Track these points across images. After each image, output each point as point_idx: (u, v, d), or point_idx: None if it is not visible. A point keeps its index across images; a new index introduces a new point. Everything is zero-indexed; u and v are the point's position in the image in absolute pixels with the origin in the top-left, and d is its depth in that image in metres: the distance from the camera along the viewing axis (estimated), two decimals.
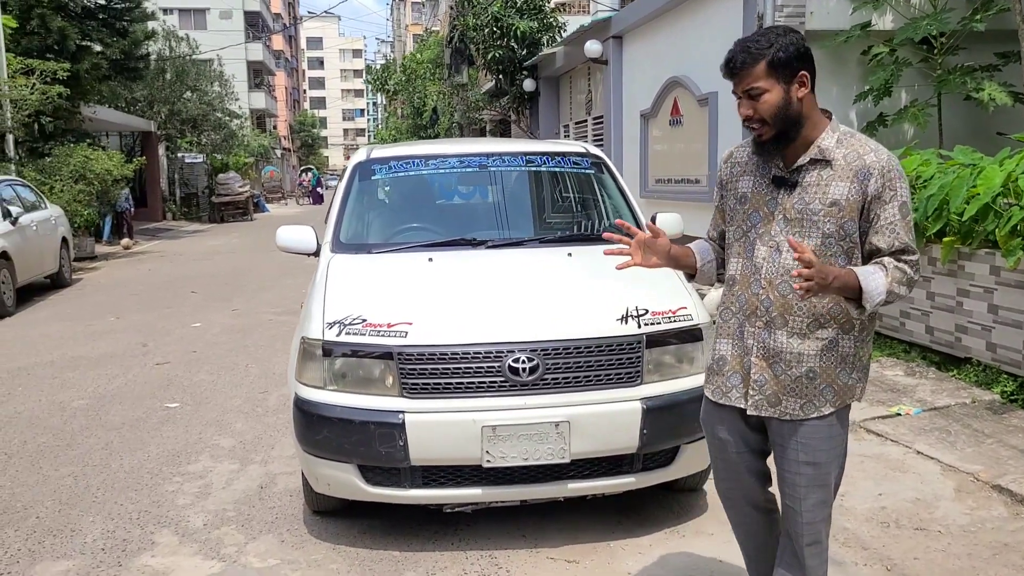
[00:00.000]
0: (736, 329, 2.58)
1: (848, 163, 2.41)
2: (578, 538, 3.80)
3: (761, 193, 2.53)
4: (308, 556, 3.72)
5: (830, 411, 2.49)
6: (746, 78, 2.39)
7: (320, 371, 3.62)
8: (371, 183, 4.93)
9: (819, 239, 2.41)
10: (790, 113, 2.40)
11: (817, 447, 2.50)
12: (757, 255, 2.52)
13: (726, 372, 2.60)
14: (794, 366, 2.47)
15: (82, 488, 4.61)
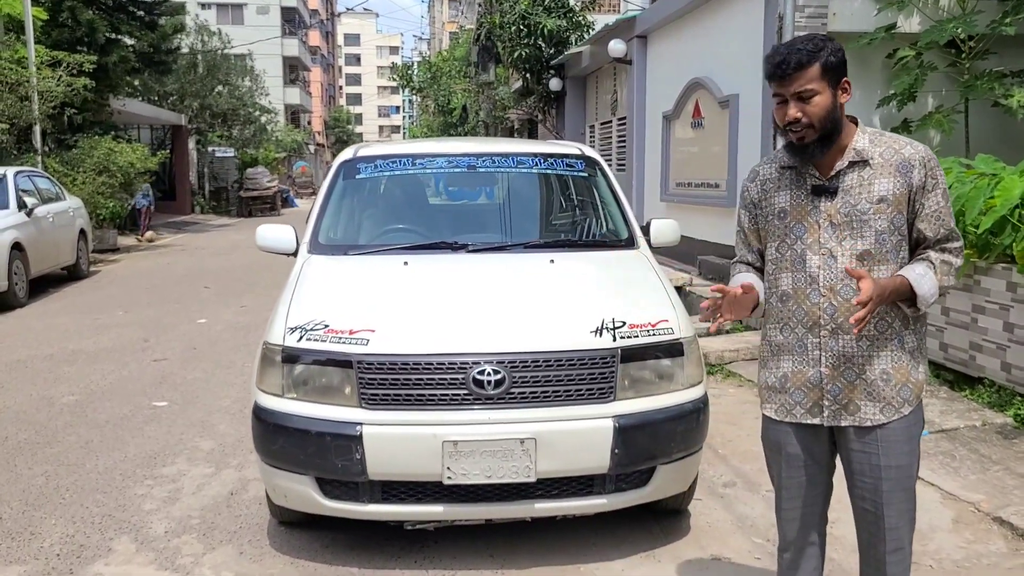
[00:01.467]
0: (796, 343, 2.53)
1: (886, 160, 2.44)
2: (548, 560, 3.62)
3: (801, 205, 2.51)
4: (265, 570, 3.58)
5: (909, 410, 2.49)
6: (799, 80, 2.37)
7: (279, 378, 3.47)
8: (356, 182, 4.77)
9: (872, 237, 2.43)
10: (835, 117, 2.41)
11: (900, 449, 2.49)
12: (810, 265, 2.49)
13: (789, 389, 2.56)
14: (867, 369, 2.47)
15: (51, 489, 4.51)
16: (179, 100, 29.51)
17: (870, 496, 2.52)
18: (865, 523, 2.58)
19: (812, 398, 2.51)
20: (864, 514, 2.56)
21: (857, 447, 2.51)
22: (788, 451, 2.60)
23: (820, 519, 2.67)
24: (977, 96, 7.64)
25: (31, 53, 15.82)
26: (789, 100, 2.38)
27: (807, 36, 2.44)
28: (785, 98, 2.39)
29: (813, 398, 2.51)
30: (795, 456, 2.59)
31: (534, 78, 19.26)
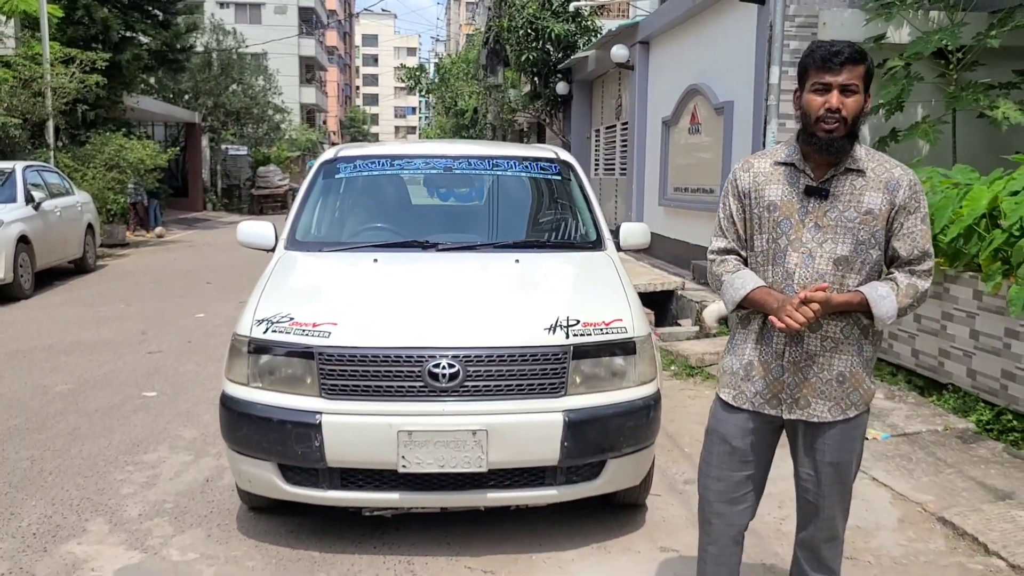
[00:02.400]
0: (766, 334, 2.65)
1: (878, 175, 2.57)
2: (502, 548, 3.75)
3: (791, 202, 2.60)
4: (229, 552, 3.73)
5: (855, 414, 2.63)
6: (850, 72, 2.46)
7: (245, 368, 3.62)
8: (335, 181, 4.93)
9: (852, 245, 2.55)
10: (860, 119, 2.54)
11: (843, 448, 2.65)
12: (789, 261, 2.59)
13: (752, 377, 2.68)
14: (826, 369, 2.59)
15: (35, 472, 4.68)
16: (193, 98, 29.83)
17: (812, 488, 2.70)
18: (805, 512, 2.76)
19: (772, 390, 2.64)
20: (805, 504, 2.74)
21: (805, 442, 2.68)
22: (732, 444, 2.72)
23: (747, 513, 2.78)
24: (962, 107, 7.73)
25: (46, 50, 16.09)
26: (834, 89, 2.46)
27: (848, 41, 2.54)
28: (829, 87, 2.46)
29: (773, 390, 2.64)
30: (737, 450, 2.71)
31: (541, 82, 19.40)
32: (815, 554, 2.77)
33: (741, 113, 9.63)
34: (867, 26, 8.17)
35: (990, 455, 4.69)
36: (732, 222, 2.73)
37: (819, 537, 2.74)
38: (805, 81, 2.54)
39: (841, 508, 2.72)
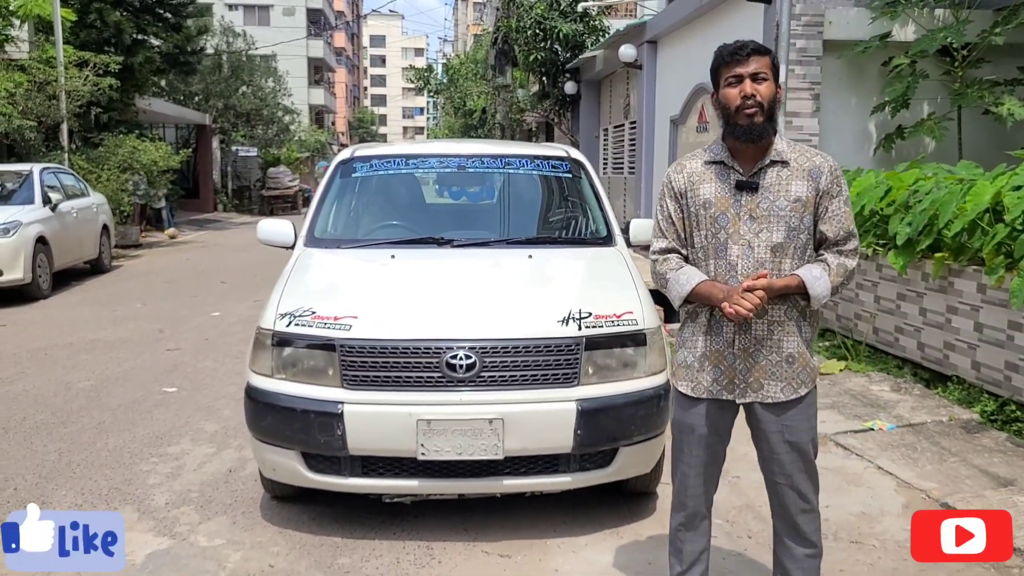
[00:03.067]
0: (715, 325, 2.79)
1: (800, 165, 2.74)
2: (517, 534, 3.87)
3: (724, 197, 2.75)
4: (254, 538, 3.87)
5: (806, 391, 2.79)
6: (758, 62, 2.66)
7: (269, 360, 3.75)
8: (351, 180, 5.06)
9: (785, 232, 2.71)
10: (775, 106, 2.72)
11: (799, 426, 2.80)
12: (731, 254, 2.74)
13: (706, 368, 2.81)
14: (775, 352, 2.75)
15: (64, 464, 4.83)
16: (204, 100, 30.04)
17: (779, 468, 2.84)
18: (776, 491, 2.89)
19: (727, 376, 2.78)
20: (775, 484, 2.88)
21: (765, 424, 2.82)
22: (699, 433, 2.87)
23: (715, 487, 3.00)
24: (967, 104, 7.84)
25: (59, 53, 16.27)
26: (746, 79, 2.64)
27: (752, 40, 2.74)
28: (742, 78, 2.64)
29: (728, 376, 2.78)
30: (703, 436, 2.87)
31: (550, 81, 19.53)
32: (794, 528, 2.89)
33: None
34: (872, 24, 8.28)
35: (993, 444, 4.80)
36: (671, 222, 2.86)
37: (794, 510, 2.87)
38: (719, 80, 2.71)
39: (809, 481, 2.85)
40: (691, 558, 3.02)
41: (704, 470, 2.92)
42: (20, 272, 10.25)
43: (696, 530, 3.01)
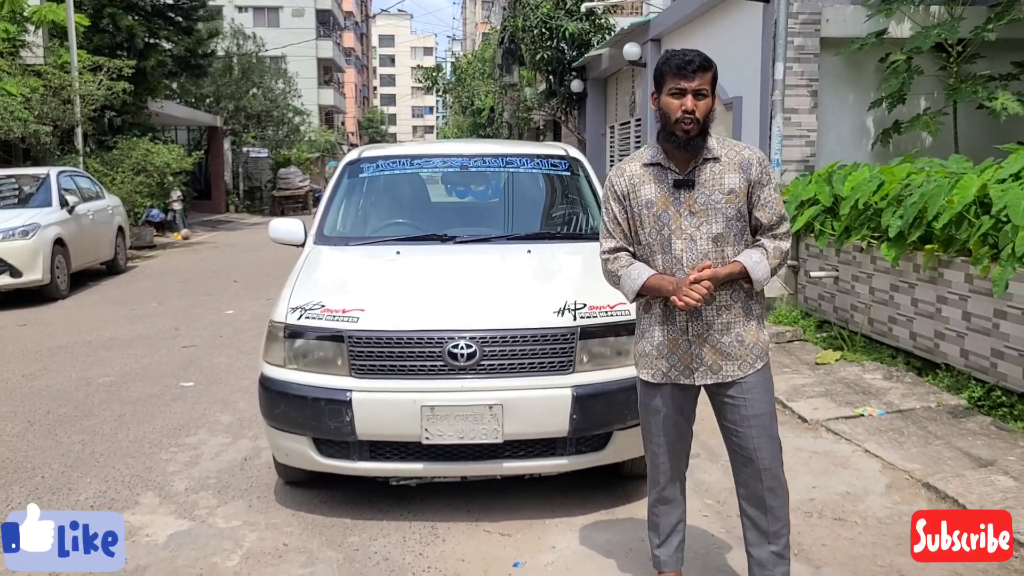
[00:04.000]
0: (667, 315, 2.99)
1: (731, 159, 2.95)
2: (518, 514, 4.08)
3: (664, 196, 2.96)
4: (268, 520, 4.09)
5: (761, 365, 3.00)
6: (701, 78, 2.84)
7: (281, 351, 3.97)
8: (359, 180, 5.28)
9: (723, 223, 2.92)
10: (710, 119, 2.92)
11: (760, 399, 2.99)
12: (675, 248, 2.94)
13: (664, 355, 3.00)
14: (726, 334, 2.95)
15: (87, 454, 5.07)
16: (215, 102, 30.35)
17: (743, 443, 3.01)
18: (741, 466, 3.06)
19: (684, 361, 2.99)
20: (740, 459, 3.05)
21: (726, 401, 3.01)
22: (664, 413, 3.08)
23: (685, 463, 3.20)
24: (962, 99, 7.99)
25: (74, 58, 16.58)
26: (688, 94, 2.82)
27: (697, 50, 2.90)
28: (684, 92, 2.82)
29: (685, 361, 2.98)
30: (668, 417, 3.08)
31: (556, 80, 19.70)
32: (761, 507, 3.02)
33: (749, 108, 9.91)
34: (869, 21, 8.43)
35: (978, 428, 4.97)
36: (617, 223, 3.04)
37: (761, 488, 3.00)
38: (662, 85, 2.87)
39: (773, 455, 3.00)
40: (667, 530, 3.22)
41: (671, 448, 3.13)
42: (39, 273, 10.53)
43: (670, 504, 3.21)
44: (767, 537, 3.05)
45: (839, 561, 3.57)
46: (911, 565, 3.49)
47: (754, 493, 3.03)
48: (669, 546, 3.22)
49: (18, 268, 10.32)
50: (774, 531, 3.05)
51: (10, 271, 10.30)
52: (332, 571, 3.58)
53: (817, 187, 7.49)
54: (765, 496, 3.02)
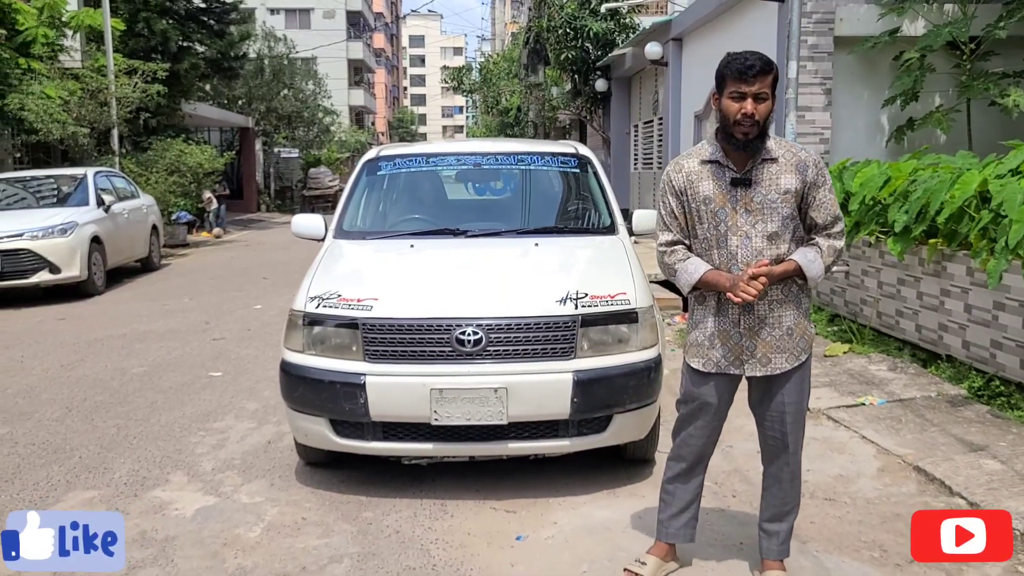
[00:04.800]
0: (721, 308, 3.15)
1: (788, 160, 3.07)
2: (523, 493, 4.30)
3: (722, 193, 3.09)
4: (289, 497, 4.35)
5: (806, 357, 3.17)
6: (761, 82, 2.93)
7: (301, 338, 4.23)
8: (377, 178, 5.54)
9: (779, 221, 3.06)
10: (769, 121, 3.01)
11: (799, 388, 3.19)
12: (731, 243, 3.08)
13: (716, 346, 3.17)
14: (776, 327, 3.11)
15: (122, 437, 5.37)
16: (247, 103, 30.91)
17: (779, 427, 3.22)
18: (774, 451, 3.27)
19: (734, 353, 3.16)
20: (773, 443, 3.26)
21: (769, 392, 3.21)
22: (708, 402, 3.25)
23: (713, 448, 3.39)
24: (973, 96, 8.09)
25: (110, 62, 17.05)
26: (748, 98, 2.92)
27: (758, 52, 3.01)
28: (744, 95, 2.93)
29: (735, 352, 3.16)
30: (711, 406, 3.26)
31: (581, 79, 19.89)
32: (784, 488, 3.29)
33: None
34: (881, 20, 8.55)
35: (974, 416, 5.11)
36: (674, 217, 3.19)
37: (787, 471, 3.26)
38: (723, 88, 2.99)
39: (799, 442, 3.24)
40: (681, 506, 3.42)
41: (710, 434, 3.34)
42: (77, 269, 10.93)
43: (690, 483, 3.41)
44: (782, 515, 3.31)
45: (825, 537, 3.76)
46: (893, 541, 3.68)
47: (780, 475, 3.27)
48: (679, 520, 3.41)
49: (57, 264, 10.73)
50: (788, 510, 3.32)
51: (49, 267, 10.70)
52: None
53: None
54: (788, 479, 3.25)
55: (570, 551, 3.70)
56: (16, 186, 12.64)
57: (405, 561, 3.64)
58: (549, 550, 3.72)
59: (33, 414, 5.89)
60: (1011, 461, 4.33)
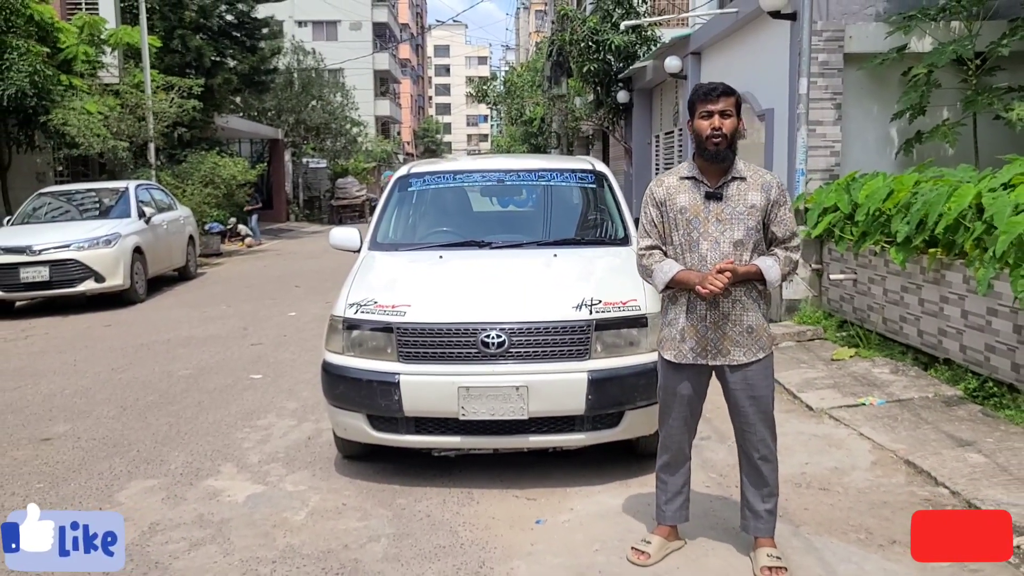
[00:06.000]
0: (690, 305, 3.60)
1: (755, 180, 3.59)
2: (543, 483, 4.70)
3: (696, 204, 3.58)
4: (329, 485, 4.79)
5: (764, 355, 3.59)
6: (725, 101, 3.50)
7: (341, 341, 4.67)
8: (407, 193, 5.97)
9: (744, 231, 3.53)
10: (736, 136, 3.55)
11: (759, 383, 3.60)
12: (702, 248, 3.55)
13: (686, 339, 3.62)
14: (738, 324, 3.55)
15: (174, 433, 5.84)
16: (276, 115, 31.62)
17: (744, 418, 3.65)
18: (743, 439, 3.70)
19: (701, 345, 3.60)
20: (742, 433, 3.68)
21: (732, 382, 3.62)
22: (681, 393, 3.70)
23: (692, 435, 3.82)
24: (978, 110, 8.39)
25: (147, 78, 17.69)
26: (715, 115, 3.47)
27: (721, 81, 3.59)
28: (712, 113, 3.48)
29: (702, 345, 3.60)
30: (685, 396, 3.70)
31: (603, 91, 20.27)
32: (756, 471, 3.68)
33: (779, 119, 10.38)
34: (890, 38, 8.87)
35: (966, 415, 5.45)
36: (654, 225, 3.67)
37: (756, 457, 3.66)
38: (694, 112, 3.54)
39: (768, 431, 3.64)
40: (673, 491, 3.83)
41: (686, 423, 3.76)
42: (120, 279, 11.50)
43: (678, 471, 3.83)
44: (760, 497, 3.69)
45: (816, 522, 4.13)
46: (878, 525, 4.04)
47: (751, 460, 3.67)
48: (673, 504, 3.83)
49: (102, 274, 11.30)
50: (765, 493, 3.69)
51: (95, 276, 11.28)
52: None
53: (837, 195, 7.98)
54: (759, 463, 3.65)
55: (584, 533, 4.09)
56: (61, 199, 13.26)
57: (436, 541, 4.05)
58: (566, 532, 4.12)
59: (91, 412, 6.38)
60: (994, 455, 4.67)
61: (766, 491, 3.69)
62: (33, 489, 4.85)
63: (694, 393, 3.70)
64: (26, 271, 11.09)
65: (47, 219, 12.59)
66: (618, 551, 3.86)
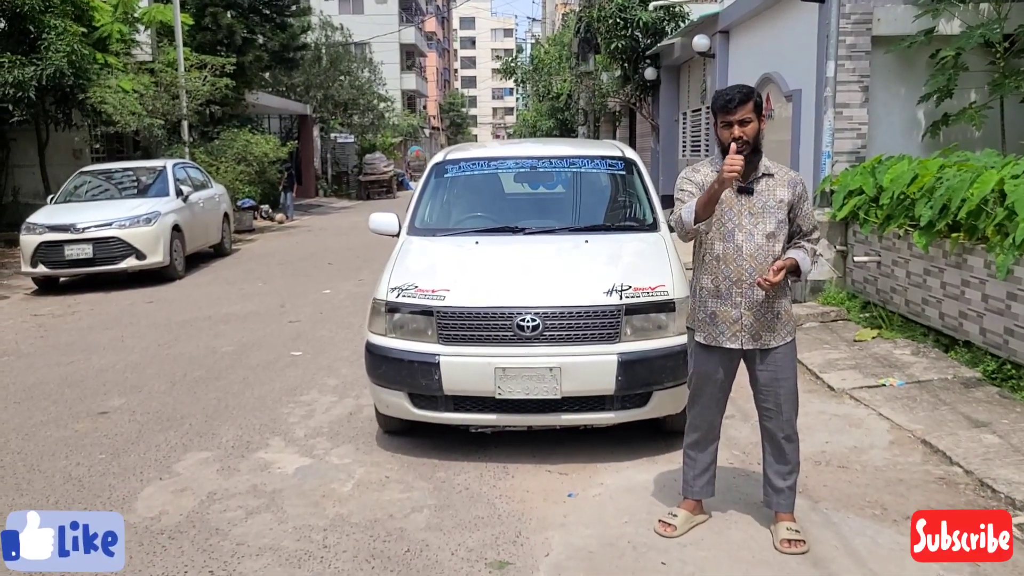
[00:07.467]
0: (724, 292, 3.83)
1: (781, 177, 3.85)
2: (574, 459, 4.96)
3: (730, 198, 3.81)
4: (373, 459, 5.07)
5: (791, 338, 3.85)
6: (742, 110, 3.66)
7: (383, 323, 4.93)
8: (444, 180, 6.20)
9: (775, 223, 3.78)
10: (760, 138, 3.75)
11: (788, 366, 3.85)
12: (737, 238, 3.78)
13: (718, 323, 3.85)
14: (768, 311, 3.78)
15: (223, 407, 6.15)
16: (305, 91, 31.86)
17: (772, 399, 3.87)
18: (767, 418, 3.92)
19: (733, 330, 3.82)
20: (768, 413, 3.90)
21: (760, 366, 3.85)
22: (714, 377, 3.92)
23: (721, 415, 4.06)
24: (1004, 92, 8.46)
25: (180, 56, 18.01)
26: (734, 124, 3.67)
27: (740, 85, 3.81)
28: (731, 124, 3.68)
29: (734, 330, 3.82)
30: (717, 379, 3.93)
31: (631, 67, 20.32)
32: (779, 450, 3.91)
33: (807, 100, 10.47)
34: (917, 20, 8.93)
35: (984, 397, 5.63)
36: (692, 195, 3.83)
37: (780, 436, 3.89)
38: (717, 119, 3.74)
39: (795, 413, 3.89)
40: (701, 468, 4.08)
41: (717, 403, 4.01)
42: (160, 256, 11.86)
43: (707, 448, 4.07)
44: (782, 475, 3.93)
45: (834, 498, 4.36)
46: (893, 501, 4.26)
47: (774, 439, 3.90)
48: (701, 480, 4.08)
49: (143, 251, 11.66)
50: (787, 471, 3.93)
51: (136, 254, 11.64)
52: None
53: (862, 178, 8.12)
54: (782, 442, 3.89)
55: (614, 506, 4.35)
56: (101, 178, 13.61)
57: (474, 512, 4.33)
58: (596, 505, 4.38)
59: (143, 387, 6.71)
60: (1008, 436, 4.87)
61: (787, 469, 3.93)
62: (96, 460, 5.18)
63: (725, 375, 3.93)
64: (70, 248, 11.46)
65: (88, 198, 12.94)
66: (646, 523, 4.11)
